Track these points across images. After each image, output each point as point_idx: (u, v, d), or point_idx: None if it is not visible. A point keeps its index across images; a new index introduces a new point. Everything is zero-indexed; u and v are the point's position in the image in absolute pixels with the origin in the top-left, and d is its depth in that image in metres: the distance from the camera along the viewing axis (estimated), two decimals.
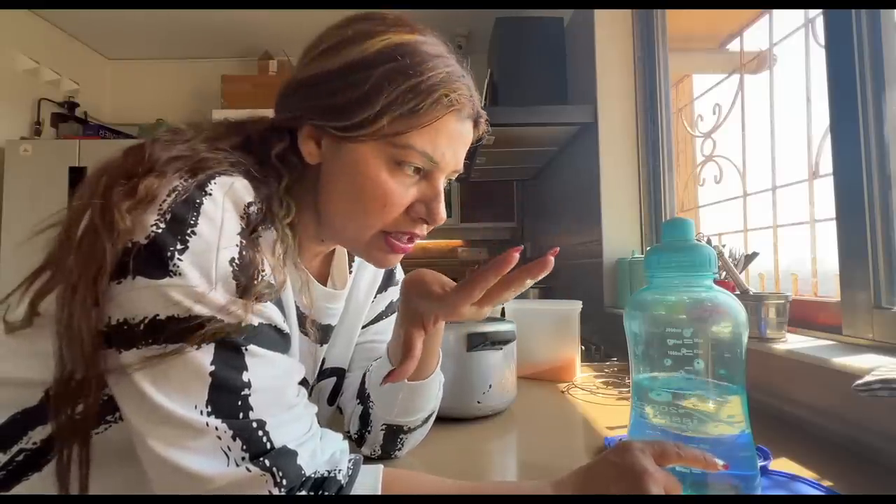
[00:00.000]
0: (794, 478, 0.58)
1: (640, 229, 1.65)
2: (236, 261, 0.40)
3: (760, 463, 0.61)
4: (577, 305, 1.14)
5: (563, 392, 1.02)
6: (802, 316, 0.97)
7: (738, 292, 0.97)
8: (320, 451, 0.42)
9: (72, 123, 2.95)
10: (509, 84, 1.89)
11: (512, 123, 1.74)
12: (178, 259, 0.38)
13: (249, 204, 0.43)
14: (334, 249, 0.63)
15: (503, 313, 1.16)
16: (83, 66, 3.24)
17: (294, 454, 0.40)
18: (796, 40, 1.08)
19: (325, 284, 0.61)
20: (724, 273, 1.06)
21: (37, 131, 2.84)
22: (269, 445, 0.39)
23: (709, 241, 1.15)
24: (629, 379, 0.54)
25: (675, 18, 1.57)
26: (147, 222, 0.39)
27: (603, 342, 1.51)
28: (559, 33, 1.95)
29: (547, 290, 2.18)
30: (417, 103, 0.46)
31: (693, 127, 1.51)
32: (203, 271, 0.39)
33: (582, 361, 1.19)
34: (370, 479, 0.42)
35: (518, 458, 0.74)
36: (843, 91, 0.85)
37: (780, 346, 0.84)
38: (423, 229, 0.55)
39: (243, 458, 0.38)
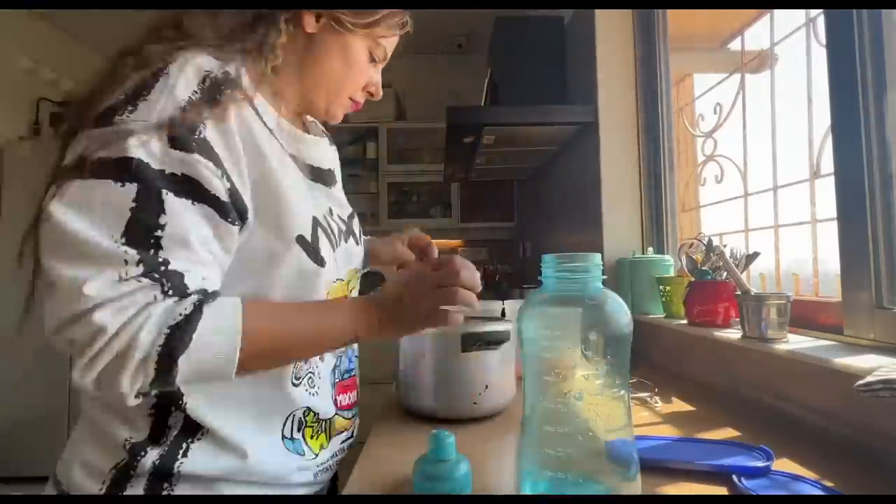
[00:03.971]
0: (795, 478, 0.58)
1: (641, 229, 1.65)
2: (175, 117, 0.48)
3: (762, 463, 0.61)
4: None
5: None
6: (804, 316, 0.97)
7: (739, 292, 0.97)
8: (208, 286, 0.51)
9: None
10: (509, 84, 1.89)
11: (512, 123, 1.73)
12: (125, 116, 0.48)
13: (209, 72, 0.53)
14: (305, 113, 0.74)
15: (503, 313, 1.16)
16: (83, 66, 3.24)
17: (182, 275, 0.48)
18: (797, 40, 1.07)
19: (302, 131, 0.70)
20: (725, 273, 1.06)
21: (36, 131, 2.83)
22: (164, 268, 0.47)
23: (710, 241, 1.14)
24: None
25: (676, 18, 1.56)
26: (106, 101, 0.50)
27: None
28: (559, 33, 1.95)
29: None
30: (397, 21, 0.68)
31: (694, 126, 1.51)
32: (144, 118, 0.48)
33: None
34: (232, 301, 0.50)
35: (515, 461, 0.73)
36: (845, 90, 0.85)
37: (781, 347, 0.84)
38: (364, 97, 0.74)
39: (138, 279, 0.45)
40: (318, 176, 0.70)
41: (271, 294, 0.58)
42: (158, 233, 0.47)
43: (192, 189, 0.49)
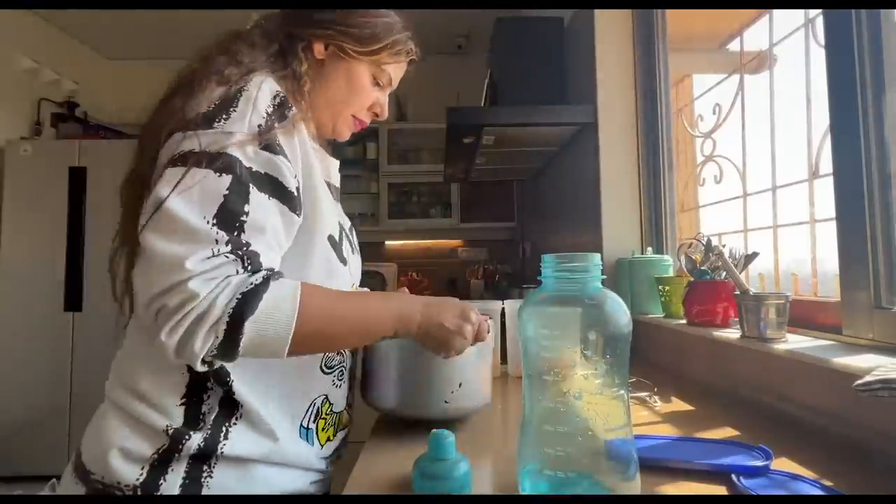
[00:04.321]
0: (795, 477, 0.58)
1: (640, 229, 1.65)
2: (262, 126, 0.59)
3: (761, 463, 0.61)
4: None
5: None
6: (802, 316, 0.97)
7: (738, 292, 0.97)
8: (275, 267, 0.59)
9: (72, 123, 2.95)
10: (509, 84, 1.89)
11: (512, 123, 1.74)
12: (222, 123, 0.58)
13: (278, 93, 0.64)
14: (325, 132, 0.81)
15: (503, 313, 1.16)
16: (83, 66, 3.24)
17: (259, 255, 0.56)
18: (796, 40, 1.08)
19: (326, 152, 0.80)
20: (724, 273, 1.06)
21: (37, 131, 2.84)
22: (245, 248, 0.55)
23: (709, 241, 1.15)
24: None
25: (675, 18, 1.57)
26: (201, 106, 0.60)
27: None
28: (559, 33, 1.95)
29: None
30: (400, 49, 0.77)
31: (693, 127, 1.51)
32: (238, 127, 0.58)
33: None
34: (293, 282, 0.58)
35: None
36: (844, 91, 0.85)
37: (780, 346, 0.84)
38: (370, 118, 0.82)
39: (225, 255, 0.53)
40: (335, 194, 0.78)
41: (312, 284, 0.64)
42: (243, 218, 0.56)
43: (271, 185, 0.59)
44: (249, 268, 0.55)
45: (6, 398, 2.53)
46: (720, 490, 0.57)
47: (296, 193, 0.62)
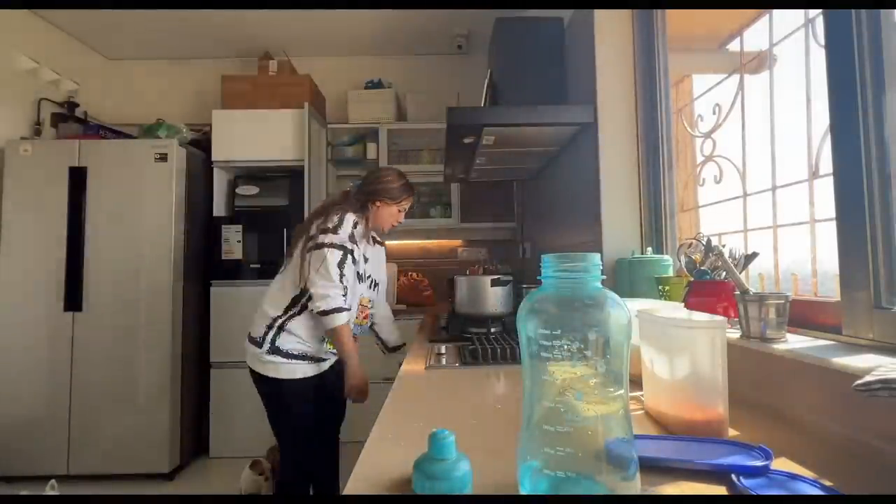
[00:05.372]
0: (794, 477, 0.58)
1: (640, 229, 1.65)
2: (352, 234, 1.58)
3: (761, 462, 0.61)
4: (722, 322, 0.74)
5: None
6: (802, 316, 0.97)
7: (738, 292, 0.97)
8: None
9: (72, 123, 2.95)
10: (509, 84, 1.89)
11: (512, 123, 1.74)
12: (335, 234, 1.54)
13: (356, 221, 1.61)
14: (371, 232, 1.75)
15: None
16: (83, 66, 3.24)
17: (348, 301, 1.56)
18: (796, 40, 1.08)
19: (369, 243, 1.73)
20: (724, 273, 1.06)
21: (37, 131, 2.83)
22: (344, 292, 1.54)
23: (709, 241, 1.15)
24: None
25: (675, 18, 1.57)
26: (332, 227, 1.57)
27: None
28: (559, 33, 1.96)
29: None
30: (409, 196, 1.74)
31: (693, 127, 1.51)
32: (341, 236, 1.54)
33: None
34: (344, 318, 1.52)
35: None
36: (843, 91, 0.86)
37: (780, 346, 0.84)
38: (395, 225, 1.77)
39: (340, 288, 1.52)
40: (365, 258, 1.68)
41: (352, 286, 1.60)
42: (344, 271, 1.53)
43: (352, 256, 1.56)
44: (344, 293, 1.53)
45: (6, 398, 2.53)
46: (720, 490, 0.57)
47: (358, 260, 1.60)
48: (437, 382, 1.15)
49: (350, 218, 1.56)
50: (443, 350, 1.48)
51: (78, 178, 2.61)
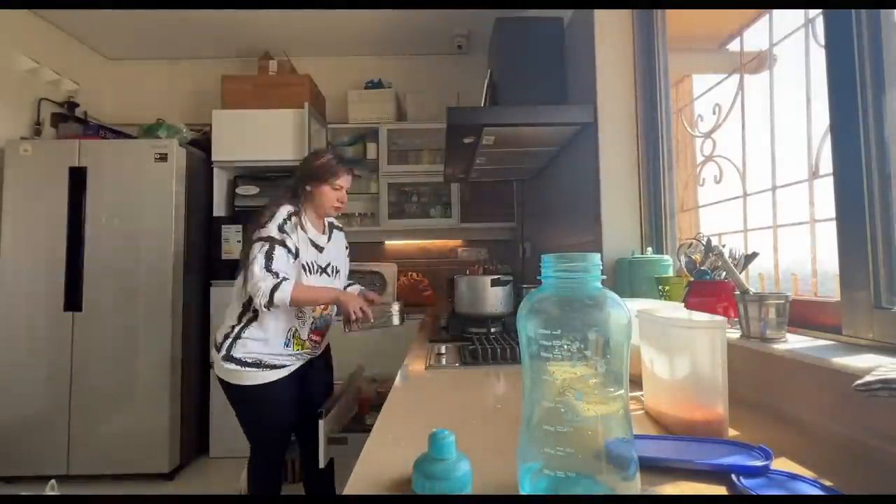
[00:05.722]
0: (794, 477, 0.58)
1: (640, 229, 1.65)
2: (281, 225, 1.53)
3: (761, 462, 0.61)
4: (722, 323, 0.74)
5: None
6: (802, 316, 0.97)
7: (738, 292, 0.97)
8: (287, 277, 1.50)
9: (72, 123, 2.95)
10: (509, 84, 1.89)
11: (512, 123, 1.74)
12: (263, 228, 1.51)
13: (290, 211, 1.58)
14: (322, 219, 1.71)
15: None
16: (83, 66, 3.24)
17: (279, 272, 1.47)
18: (796, 40, 1.08)
19: (321, 231, 1.69)
20: (724, 273, 1.06)
21: (37, 131, 2.83)
22: (276, 271, 1.46)
23: (709, 241, 1.15)
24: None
25: (675, 18, 1.57)
26: (263, 222, 1.54)
27: None
28: (559, 33, 1.96)
29: None
30: (339, 172, 1.64)
31: (693, 127, 1.51)
32: (268, 229, 1.51)
33: None
34: (291, 280, 1.49)
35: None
36: (843, 91, 0.86)
37: (780, 346, 0.84)
38: (339, 205, 1.67)
39: (270, 276, 1.44)
40: (316, 246, 1.63)
41: (300, 281, 1.54)
42: (273, 258, 1.47)
43: (284, 247, 1.50)
44: (278, 277, 1.45)
45: (6, 398, 2.53)
46: (720, 490, 0.57)
47: (293, 250, 1.53)
48: (437, 382, 1.15)
49: (283, 210, 1.53)
50: (443, 350, 1.49)
51: (78, 178, 2.61)
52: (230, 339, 1.52)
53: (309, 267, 1.58)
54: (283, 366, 1.56)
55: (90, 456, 2.53)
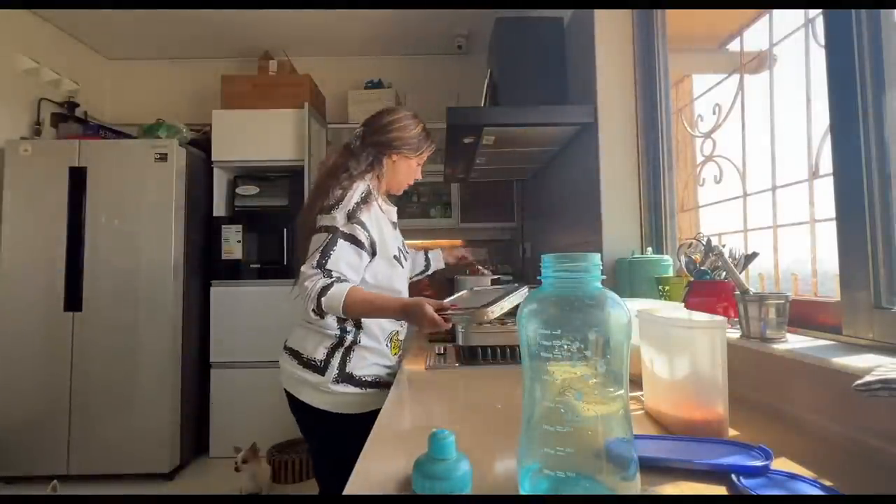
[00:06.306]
0: (794, 477, 0.58)
1: (640, 229, 1.65)
2: (354, 212, 1.17)
3: (761, 462, 0.61)
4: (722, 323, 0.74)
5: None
6: (802, 316, 0.97)
7: (738, 292, 0.97)
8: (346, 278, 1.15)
9: (72, 123, 2.95)
10: (509, 84, 1.89)
11: (512, 123, 1.74)
12: (330, 214, 1.17)
13: (365, 192, 1.21)
14: (390, 196, 1.42)
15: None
16: (83, 66, 3.24)
17: (332, 271, 1.12)
18: (796, 40, 1.08)
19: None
20: (724, 273, 1.06)
21: (37, 131, 2.83)
22: (332, 270, 1.12)
23: (709, 241, 1.15)
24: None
25: (675, 18, 1.57)
26: (329, 206, 1.19)
27: None
28: (559, 33, 1.96)
29: None
30: (431, 147, 1.38)
31: (693, 127, 1.51)
32: (336, 217, 1.16)
33: None
34: (348, 284, 1.12)
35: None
36: (844, 91, 0.86)
37: (780, 346, 0.84)
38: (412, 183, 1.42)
39: (320, 275, 1.11)
40: (395, 227, 1.36)
41: (388, 281, 1.26)
42: (330, 254, 1.14)
43: (351, 240, 1.16)
44: (329, 276, 1.12)
45: (6, 398, 2.53)
46: (720, 490, 0.57)
47: (367, 244, 1.19)
48: (437, 382, 1.15)
49: (357, 190, 1.19)
50: (443, 350, 1.48)
51: (78, 178, 2.61)
52: (341, 351, 1.16)
53: (402, 256, 1.28)
54: (392, 382, 1.16)
55: (90, 456, 2.53)
